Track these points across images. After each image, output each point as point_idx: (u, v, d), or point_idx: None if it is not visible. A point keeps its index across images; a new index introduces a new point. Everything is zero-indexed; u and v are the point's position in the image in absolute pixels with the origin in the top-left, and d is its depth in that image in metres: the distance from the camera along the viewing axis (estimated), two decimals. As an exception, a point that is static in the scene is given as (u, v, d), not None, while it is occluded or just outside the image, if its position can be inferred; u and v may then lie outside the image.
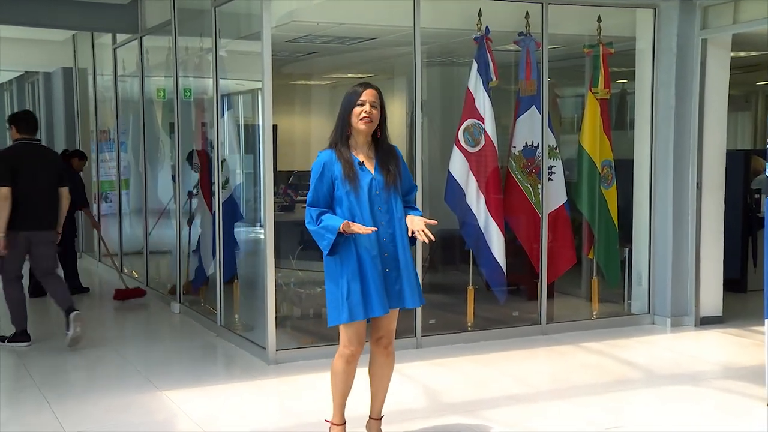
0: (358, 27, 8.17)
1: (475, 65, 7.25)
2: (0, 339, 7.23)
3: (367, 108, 4.30)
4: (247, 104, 9.23)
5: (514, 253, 7.67)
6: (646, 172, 7.89)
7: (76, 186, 9.64)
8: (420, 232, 4.29)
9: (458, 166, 7.26)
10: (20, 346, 7.11)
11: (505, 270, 7.42)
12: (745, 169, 9.30)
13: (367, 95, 4.32)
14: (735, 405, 5.65)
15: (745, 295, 9.19)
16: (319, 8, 7.78)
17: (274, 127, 6.76)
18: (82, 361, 6.81)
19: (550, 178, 7.58)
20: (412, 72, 7.00)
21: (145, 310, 8.99)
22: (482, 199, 7.31)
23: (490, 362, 6.67)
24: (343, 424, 4.59)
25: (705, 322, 7.81)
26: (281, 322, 7.06)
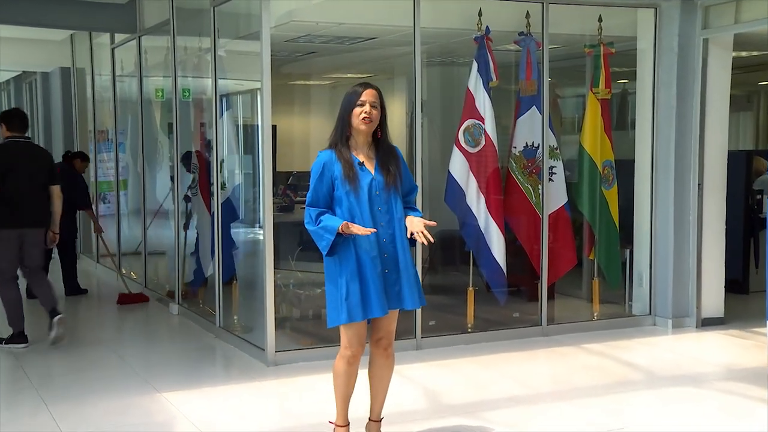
0: (357, 27, 8.16)
1: (475, 65, 7.23)
2: (-3, 340, 7.21)
3: (367, 108, 4.29)
4: (246, 104, 9.21)
5: (515, 254, 7.65)
6: (647, 172, 7.87)
7: (79, 187, 9.64)
8: (419, 234, 4.27)
9: (458, 167, 7.24)
10: (17, 348, 7.08)
11: (505, 271, 7.40)
12: (746, 170, 9.29)
13: (367, 95, 4.31)
14: (736, 406, 5.64)
15: (746, 297, 9.16)
16: (318, 8, 7.76)
17: (274, 128, 6.75)
18: (81, 363, 6.78)
19: (550, 179, 7.56)
20: (412, 72, 6.98)
21: (144, 312, 8.97)
22: (482, 200, 7.29)
23: (491, 364, 6.65)
24: (347, 425, 4.58)
25: (706, 324, 7.79)
26: (280, 324, 7.04)
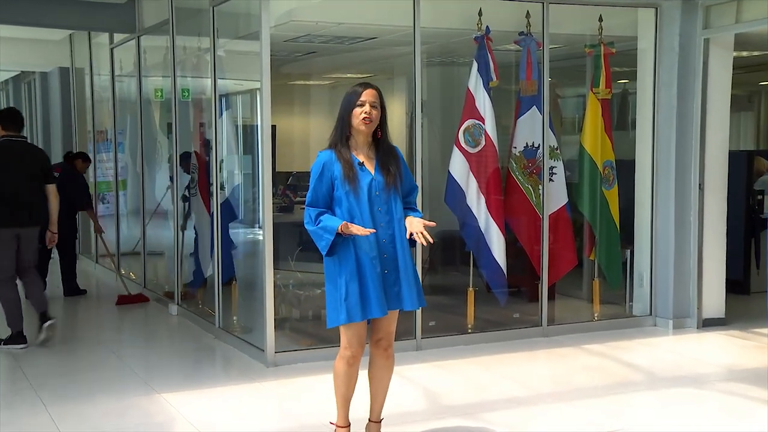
0: (357, 26, 8.15)
1: (475, 65, 7.22)
2: (-4, 341, 7.18)
3: (367, 108, 4.28)
4: (245, 104, 9.20)
5: (515, 255, 7.63)
6: (648, 172, 7.86)
7: (80, 187, 9.62)
8: (419, 235, 4.26)
9: (458, 167, 7.22)
10: (16, 348, 7.06)
11: (505, 271, 7.38)
12: (747, 170, 9.27)
13: (367, 95, 4.30)
14: (738, 407, 5.62)
15: (747, 297, 9.15)
16: (318, 8, 7.76)
17: (273, 128, 6.74)
18: (80, 364, 6.77)
19: (551, 179, 7.55)
20: (412, 72, 6.97)
21: (143, 312, 8.95)
22: (482, 200, 7.27)
23: (491, 364, 6.64)
24: (348, 426, 4.57)
25: (707, 324, 7.78)
26: (280, 324, 7.03)
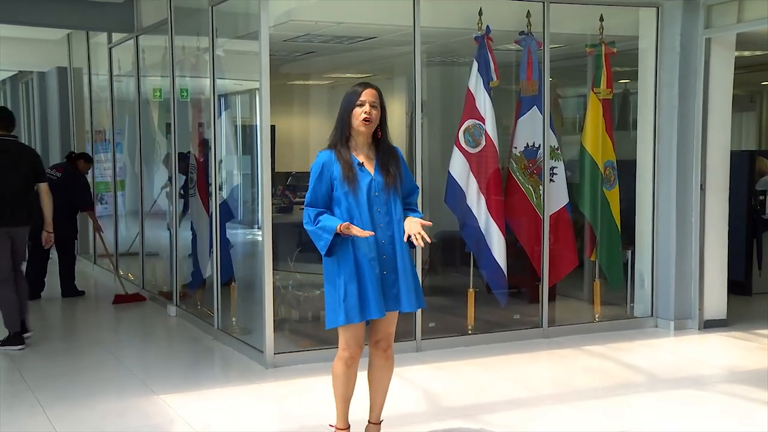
0: (357, 26, 8.13)
1: (475, 65, 7.20)
2: (-6, 342, 7.15)
3: (367, 108, 4.27)
4: (244, 104, 9.19)
5: (515, 255, 7.61)
6: (649, 173, 7.84)
7: (81, 188, 9.60)
8: (416, 236, 4.23)
9: (458, 167, 7.20)
10: (14, 350, 7.03)
11: (506, 272, 7.36)
12: (749, 170, 9.27)
13: (367, 95, 4.29)
14: (739, 409, 5.60)
15: (749, 298, 9.15)
16: (317, 7, 7.74)
17: (272, 128, 6.72)
18: (78, 365, 6.75)
19: (551, 180, 7.53)
20: (412, 72, 6.95)
21: (142, 313, 8.94)
22: (483, 201, 7.25)
23: (491, 366, 6.62)
24: (347, 428, 4.56)
25: (709, 326, 7.76)
26: (279, 325, 7.01)
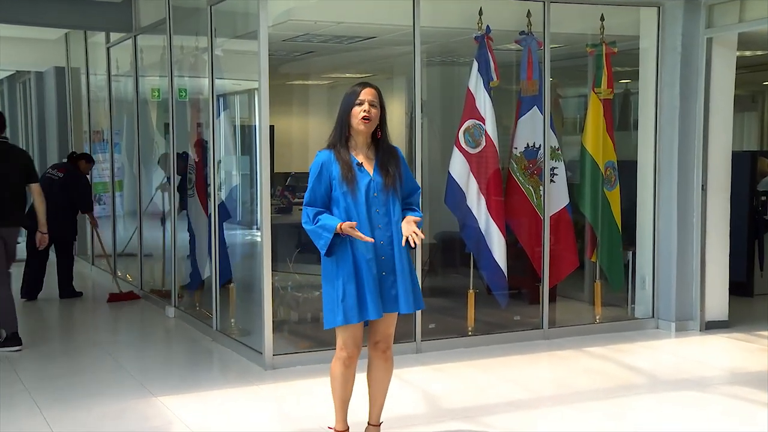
0: (356, 26, 8.12)
1: (475, 65, 7.18)
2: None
3: (366, 107, 4.27)
4: (243, 104, 9.17)
5: (516, 256, 7.59)
6: (650, 173, 7.82)
7: (82, 189, 9.59)
8: (412, 235, 4.20)
9: (458, 168, 7.18)
10: (11, 351, 7.00)
11: (506, 273, 7.34)
12: (751, 171, 9.25)
13: (366, 94, 4.29)
14: (741, 411, 5.59)
15: (751, 299, 9.14)
16: (316, 7, 7.74)
17: (271, 128, 6.69)
18: (76, 366, 6.72)
19: (552, 180, 7.51)
20: (412, 72, 6.94)
21: (140, 314, 8.92)
22: (483, 201, 7.23)
23: (491, 367, 6.60)
24: (346, 430, 4.55)
25: (710, 327, 7.74)
26: (278, 327, 6.99)
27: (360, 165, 4.31)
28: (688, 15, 7.53)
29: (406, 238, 4.22)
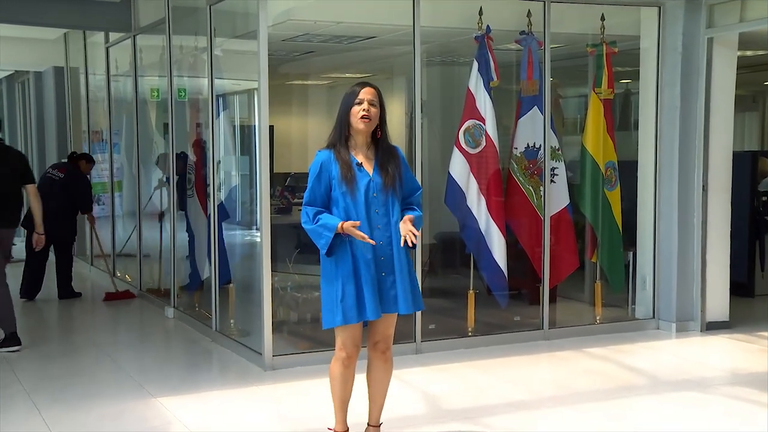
0: (356, 26, 8.11)
1: (475, 65, 7.17)
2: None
3: (366, 106, 4.26)
4: (243, 105, 9.16)
5: (516, 257, 7.58)
6: (651, 173, 7.81)
7: (82, 189, 9.57)
8: (409, 234, 4.19)
9: (459, 168, 7.17)
10: (11, 351, 6.98)
11: (506, 274, 7.32)
12: (752, 171, 9.24)
13: (365, 93, 4.29)
14: (742, 412, 5.57)
15: (752, 300, 9.14)
16: (316, 6, 7.72)
17: (271, 128, 6.68)
18: (74, 367, 6.70)
19: (552, 180, 7.49)
20: (412, 72, 6.92)
21: (139, 315, 8.91)
22: (483, 202, 7.21)
23: (491, 368, 6.59)
24: (346, 431, 4.55)
25: (711, 327, 7.72)
26: (278, 327, 6.98)
27: (360, 165, 4.30)
28: (689, 15, 7.52)
29: (404, 238, 4.22)
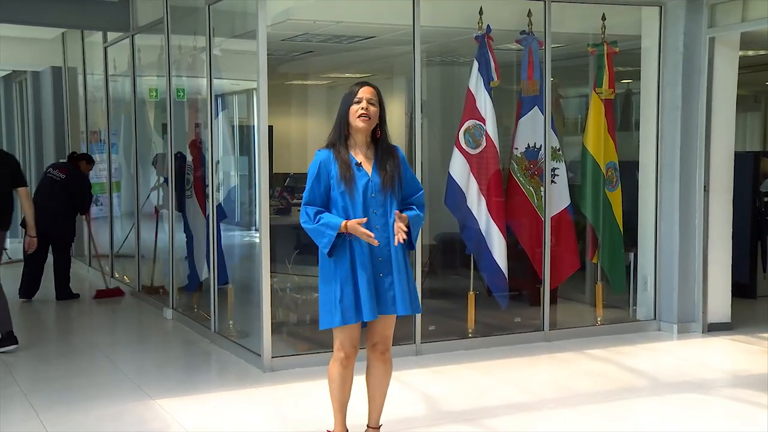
0: (355, 25, 8.10)
1: (476, 65, 7.15)
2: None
3: (364, 105, 4.26)
4: (242, 105, 9.15)
5: (516, 258, 7.56)
6: (652, 174, 7.79)
7: (81, 189, 9.54)
8: (400, 232, 4.19)
9: (459, 168, 7.15)
10: (9, 349, 6.95)
11: (506, 275, 7.30)
12: (754, 171, 9.24)
13: (364, 92, 4.29)
14: (743, 413, 5.56)
15: (754, 301, 9.14)
16: (316, 6, 7.72)
17: (270, 128, 6.65)
18: (72, 368, 6.69)
19: (553, 181, 7.48)
20: (412, 72, 6.91)
21: (137, 316, 8.89)
22: (483, 202, 7.20)
23: (491, 370, 6.57)
24: (345, 433, 4.55)
25: (713, 329, 7.71)
26: (277, 329, 6.95)
27: (359, 165, 4.29)
28: (691, 14, 7.50)
29: (396, 238, 4.20)
